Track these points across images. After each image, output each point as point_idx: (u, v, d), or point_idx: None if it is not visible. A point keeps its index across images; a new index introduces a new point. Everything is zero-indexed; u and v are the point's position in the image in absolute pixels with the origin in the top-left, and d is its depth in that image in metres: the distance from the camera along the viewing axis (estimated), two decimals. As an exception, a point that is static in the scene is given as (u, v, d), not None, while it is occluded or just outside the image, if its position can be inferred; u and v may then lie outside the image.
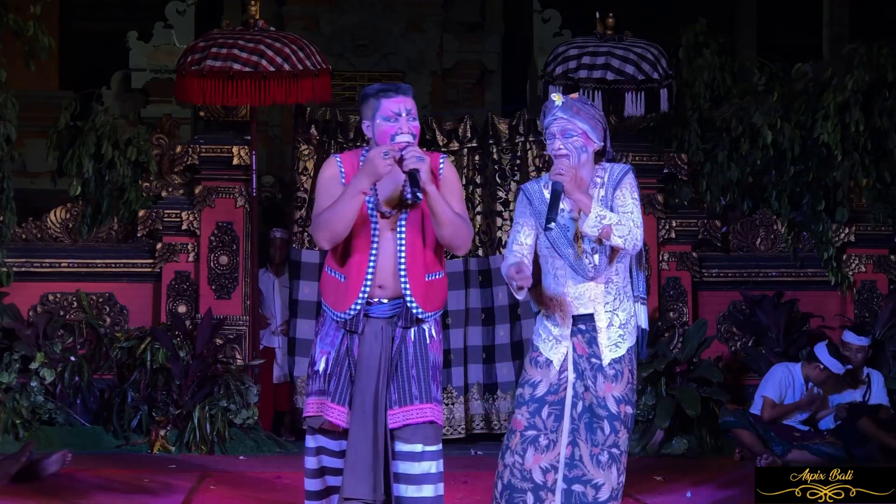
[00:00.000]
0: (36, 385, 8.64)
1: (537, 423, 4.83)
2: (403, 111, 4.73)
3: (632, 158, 9.39)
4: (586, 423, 4.80)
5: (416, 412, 4.74)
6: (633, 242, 4.75)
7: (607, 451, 4.77)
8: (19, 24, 8.30)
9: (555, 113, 4.82)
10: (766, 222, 9.66)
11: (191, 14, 11.28)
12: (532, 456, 4.82)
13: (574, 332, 4.86)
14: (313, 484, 4.85)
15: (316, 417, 4.79)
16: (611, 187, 4.84)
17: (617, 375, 4.81)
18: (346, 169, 4.82)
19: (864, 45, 9.16)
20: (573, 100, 4.85)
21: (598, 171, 4.88)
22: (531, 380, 4.89)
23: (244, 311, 9.10)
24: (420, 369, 4.78)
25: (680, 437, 8.76)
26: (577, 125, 4.80)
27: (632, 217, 4.77)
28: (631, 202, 4.81)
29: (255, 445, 8.66)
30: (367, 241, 4.74)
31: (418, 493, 4.75)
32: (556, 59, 9.20)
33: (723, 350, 9.45)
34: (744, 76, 9.91)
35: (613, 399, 4.79)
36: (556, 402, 4.85)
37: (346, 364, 4.78)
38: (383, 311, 4.78)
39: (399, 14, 12.89)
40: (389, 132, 4.72)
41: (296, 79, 8.74)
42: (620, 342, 4.84)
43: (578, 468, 4.79)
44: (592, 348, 4.83)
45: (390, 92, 4.75)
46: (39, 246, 9.16)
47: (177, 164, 9.20)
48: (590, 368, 4.82)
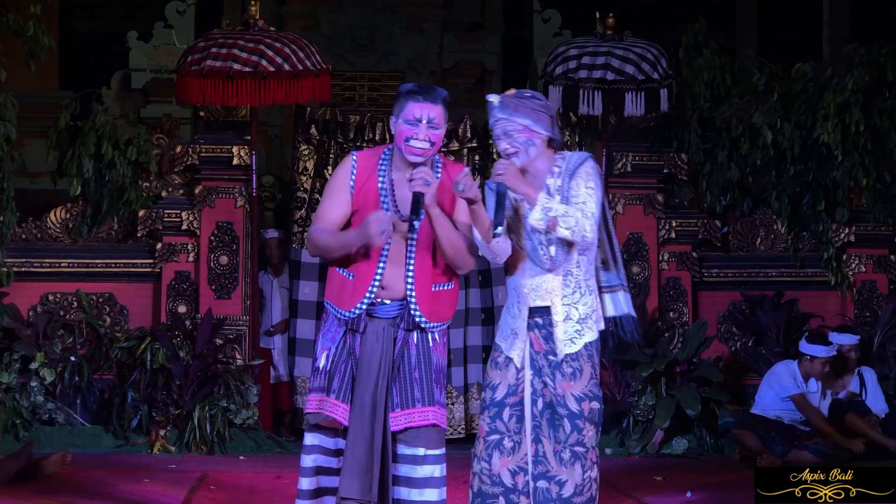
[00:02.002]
0: (36, 385, 8.64)
1: (499, 427, 4.79)
2: (425, 118, 4.69)
3: (632, 158, 9.41)
4: (548, 419, 4.74)
5: (417, 415, 4.74)
6: (581, 234, 4.63)
7: (569, 449, 4.70)
8: (19, 24, 8.30)
9: (495, 114, 4.75)
10: (766, 222, 9.66)
11: (191, 14, 11.26)
12: (499, 460, 4.78)
13: (531, 326, 4.78)
14: (306, 483, 4.83)
15: (316, 414, 4.79)
16: (567, 176, 4.75)
17: (575, 373, 4.72)
18: (359, 172, 4.79)
19: (864, 45, 9.15)
20: (510, 97, 4.76)
21: (557, 161, 4.79)
22: (490, 383, 4.84)
23: (244, 311, 9.10)
24: (423, 372, 4.77)
25: (680, 437, 8.76)
26: (517, 122, 4.71)
27: (582, 207, 4.67)
28: (584, 192, 4.70)
29: (255, 445, 8.67)
30: (378, 248, 4.71)
31: (421, 497, 4.75)
32: (556, 59, 9.20)
33: (723, 350, 9.45)
34: (744, 76, 9.91)
35: (573, 397, 4.71)
36: (517, 404, 4.79)
37: (349, 362, 4.77)
38: (386, 312, 4.77)
39: (399, 14, 12.87)
40: (406, 135, 4.69)
41: (296, 79, 8.75)
42: (577, 337, 4.74)
43: (543, 464, 4.74)
44: (549, 345, 4.75)
45: (419, 96, 4.70)
46: (39, 246, 9.16)
47: (177, 164, 9.21)
48: (548, 366, 4.75)
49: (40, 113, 10.47)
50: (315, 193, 9.27)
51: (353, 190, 4.77)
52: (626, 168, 9.43)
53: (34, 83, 11.14)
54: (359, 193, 4.77)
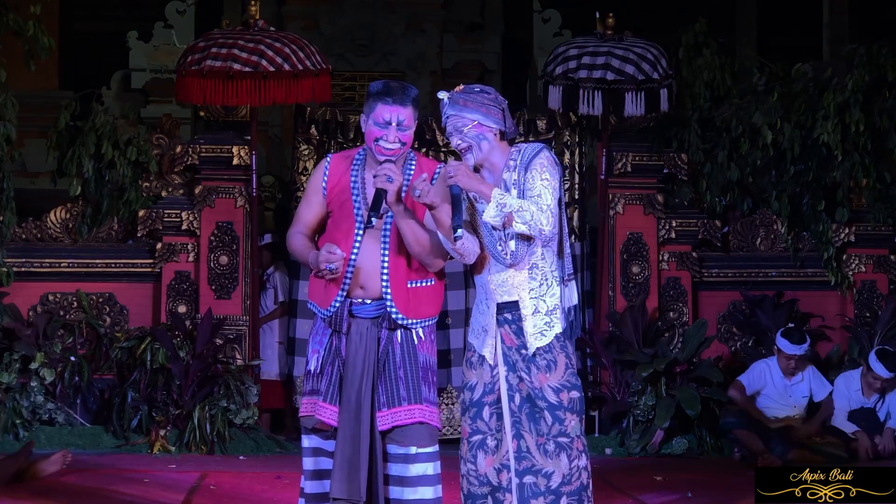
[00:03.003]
0: (36, 385, 8.64)
1: (480, 427, 4.79)
2: (395, 121, 4.72)
3: (632, 158, 9.41)
4: (528, 413, 4.73)
5: (403, 413, 4.73)
6: (538, 228, 4.63)
7: (553, 441, 4.70)
8: (19, 24, 8.30)
9: (445, 111, 4.77)
10: (766, 222, 9.66)
11: (191, 14, 11.28)
12: (483, 459, 4.78)
13: (500, 322, 4.77)
14: (313, 486, 4.83)
15: (309, 418, 4.80)
16: (522, 169, 4.74)
17: (549, 365, 4.72)
18: (331, 172, 4.85)
19: (864, 45, 9.15)
20: (458, 93, 4.77)
21: (513, 154, 4.78)
22: (468, 383, 4.84)
23: (244, 311, 9.10)
24: (408, 370, 4.77)
25: (680, 437, 8.77)
26: (467, 117, 4.72)
27: (538, 200, 4.65)
28: (539, 184, 4.69)
29: (255, 445, 8.67)
30: (349, 240, 4.74)
31: (414, 496, 4.74)
32: (556, 59, 9.20)
33: (723, 350, 9.45)
34: (744, 76, 9.91)
35: (551, 389, 4.70)
36: (495, 402, 4.79)
37: (336, 364, 4.79)
38: (367, 312, 4.78)
39: (399, 14, 12.88)
40: (375, 135, 4.74)
41: (296, 79, 8.75)
42: (546, 329, 4.73)
43: (527, 459, 4.73)
44: (521, 339, 4.74)
45: (388, 98, 4.72)
46: (39, 246, 9.16)
47: (177, 164, 9.21)
48: (521, 360, 4.74)
49: (40, 113, 10.48)
50: (315, 193, 9.26)
51: (325, 191, 4.83)
52: (626, 168, 9.44)
53: (34, 83, 11.14)
54: (331, 193, 4.82)
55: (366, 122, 4.78)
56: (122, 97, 11.48)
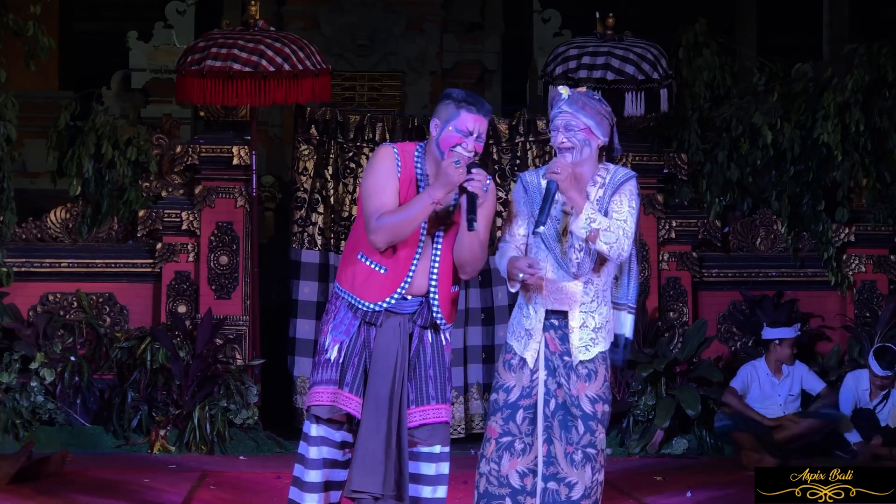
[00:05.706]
0: (36, 385, 8.64)
1: (512, 429, 4.79)
2: (476, 132, 4.74)
3: (632, 158, 9.40)
4: (560, 420, 4.74)
5: (432, 412, 4.80)
6: (618, 252, 4.67)
7: (581, 451, 4.71)
8: (19, 24, 8.29)
9: (560, 106, 4.77)
10: (766, 222, 9.66)
11: (191, 14, 11.27)
12: (508, 461, 4.78)
13: (546, 327, 4.78)
14: (314, 475, 4.83)
15: (330, 407, 4.78)
16: (610, 190, 4.77)
17: (590, 374, 4.74)
18: (403, 162, 4.81)
19: (864, 45, 9.15)
20: (579, 93, 4.79)
21: (601, 170, 4.82)
22: (504, 384, 4.82)
23: (244, 311, 9.10)
24: (437, 370, 4.84)
25: (680, 437, 8.77)
26: (581, 120, 4.75)
27: (623, 225, 4.69)
28: (627, 210, 4.73)
29: (255, 445, 8.67)
30: (414, 239, 4.77)
31: (433, 495, 4.83)
32: (556, 59, 9.21)
33: (723, 350, 9.45)
34: (744, 76, 9.91)
35: (587, 399, 4.73)
36: (530, 406, 4.79)
37: (363, 355, 4.79)
38: (406, 307, 4.80)
39: (399, 14, 12.88)
40: (455, 141, 4.72)
41: (296, 79, 8.75)
42: (591, 345, 4.75)
43: (554, 465, 4.74)
44: (565, 345, 4.75)
45: (473, 107, 4.73)
46: (39, 246, 9.16)
47: (177, 164, 9.21)
48: (563, 366, 4.75)
49: (40, 113, 10.46)
50: (315, 193, 9.26)
51: (399, 179, 4.79)
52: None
53: (34, 83, 11.14)
54: (402, 182, 4.79)
55: (442, 126, 4.76)
56: (122, 97, 11.48)
